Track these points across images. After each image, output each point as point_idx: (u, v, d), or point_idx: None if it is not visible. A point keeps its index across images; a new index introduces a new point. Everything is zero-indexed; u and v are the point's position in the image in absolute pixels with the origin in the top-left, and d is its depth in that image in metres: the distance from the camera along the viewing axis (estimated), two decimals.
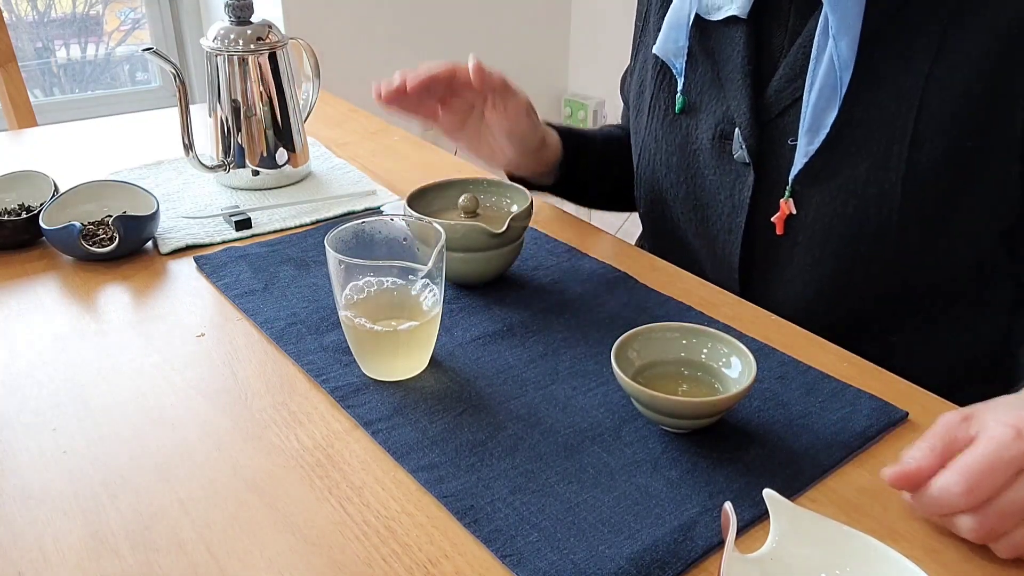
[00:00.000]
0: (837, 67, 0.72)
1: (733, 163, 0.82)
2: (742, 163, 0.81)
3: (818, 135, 0.74)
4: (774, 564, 0.49)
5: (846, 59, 0.72)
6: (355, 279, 0.66)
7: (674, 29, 0.84)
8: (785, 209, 0.78)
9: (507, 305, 0.78)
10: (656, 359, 0.65)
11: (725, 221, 0.84)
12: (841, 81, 0.72)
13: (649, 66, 0.91)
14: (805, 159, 0.75)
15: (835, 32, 0.71)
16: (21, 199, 0.94)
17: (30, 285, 0.82)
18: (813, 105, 0.74)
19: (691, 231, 0.88)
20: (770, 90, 0.79)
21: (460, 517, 0.54)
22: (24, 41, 2.32)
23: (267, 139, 1.03)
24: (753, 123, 0.79)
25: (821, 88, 0.73)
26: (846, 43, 0.71)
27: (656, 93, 0.90)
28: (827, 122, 0.74)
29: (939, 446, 0.51)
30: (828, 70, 0.72)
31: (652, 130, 0.90)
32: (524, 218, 0.79)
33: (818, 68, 0.73)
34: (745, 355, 0.62)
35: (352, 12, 2.37)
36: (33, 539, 0.53)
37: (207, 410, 0.65)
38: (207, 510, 0.55)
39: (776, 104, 0.78)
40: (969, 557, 0.52)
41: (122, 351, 0.72)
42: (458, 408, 0.64)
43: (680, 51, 0.84)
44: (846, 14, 0.71)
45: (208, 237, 0.91)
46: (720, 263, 0.86)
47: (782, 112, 0.78)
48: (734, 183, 0.82)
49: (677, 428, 0.61)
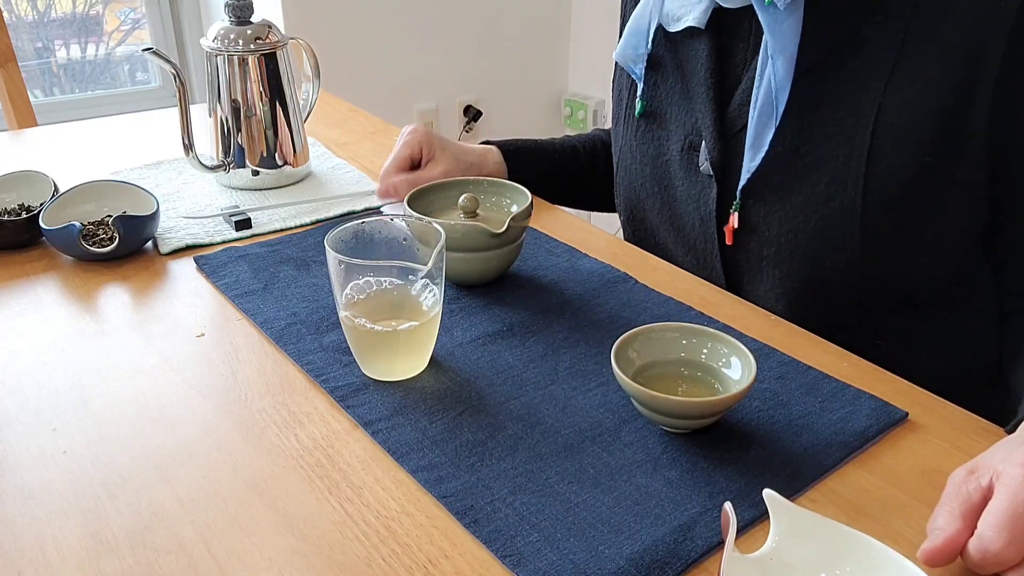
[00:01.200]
0: (773, 87, 0.73)
1: (699, 175, 0.83)
2: (707, 175, 0.82)
3: (759, 152, 0.76)
4: (774, 564, 0.49)
5: (781, 79, 0.73)
6: (355, 279, 0.66)
7: (634, 35, 0.86)
8: (732, 222, 0.80)
9: (507, 305, 0.78)
10: (656, 359, 0.65)
11: (699, 232, 0.85)
12: (778, 100, 0.73)
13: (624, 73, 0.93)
14: (747, 175, 0.77)
15: (772, 52, 0.72)
16: (21, 199, 0.94)
17: (30, 285, 0.82)
18: (755, 123, 0.75)
19: (671, 240, 0.90)
20: (733, 104, 0.80)
21: (460, 517, 0.54)
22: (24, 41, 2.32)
23: (267, 139, 1.03)
24: (717, 137, 0.81)
25: (761, 106, 0.74)
26: (782, 63, 0.72)
27: (629, 101, 0.92)
28: (765, 140, 0.75)
29: (958, 508, 0.50)
30: (767, 89, 0.74)
31: (627, 139, 0.92)
32: (524, 218, 0.79)
33: (760, 87, 0.75)
34: (745, 355, 0.62)
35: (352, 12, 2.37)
36: (33, 539, 0.53)
37: (207, 410, 0.65)
38: (207, 510, 0.55)
39: (738, 120, 0.80)
40: None
41: (122, 351, 0.72)
42: (458, 408, 0.64)
43: (640, 58, 0.86)
44: (782, 35, 0.72)
45: (208, 237, 0.91)
46: (706, 271, 0.87)
47: (741, 129, 0.79)
48: (699, 194, 0.84)
49: (676, 428, 0.61)
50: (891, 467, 0.59)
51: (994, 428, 0.63)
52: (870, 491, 0.57)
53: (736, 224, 0.80)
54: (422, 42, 2.48)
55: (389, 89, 2.51)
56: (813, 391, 0.66)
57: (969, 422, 0.64)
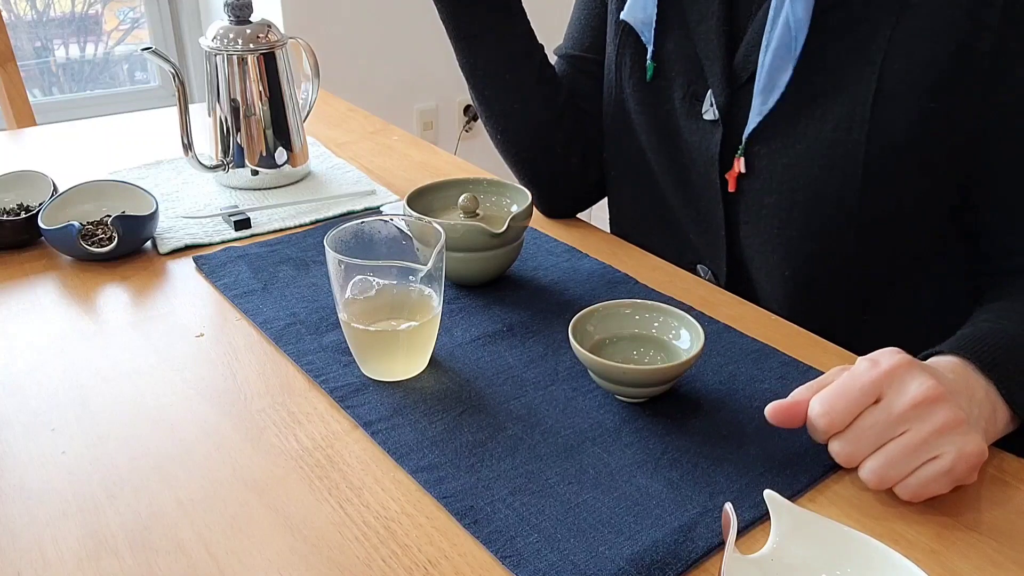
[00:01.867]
0: (792, 28, 0.73)
1: (702, 121, 0.82)
2: (711, 121, 0.82)
3: (772, 95, 0.75)
4: (774, 565, 0.49)
5: (801, 20, 0.72)
6: (355, 279, 0.66)
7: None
8: (736, 167, 0.79)
9: (507, 305, 0.78)
10: (612, 334, 0.68)
11: (702, 177, 0.84)
12: (796, 41, 0.73)
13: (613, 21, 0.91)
14: (759, 118, 0.77)
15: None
16: (20, 199, 0.94)
17: (29, 285, 0.82)
18: (768, 66, 0.75)
19: (669, 190, 0.88)
20: (738, 56, 0.80)
21: (460, 518, 0.54)
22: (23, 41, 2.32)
23: (266, 139, 1.03)
24: (725, 84, 0.80)
25: (776, 49, 0.74)
26: (802, 5, 0.72)
27: (620, 51, 0.89)
28: (781, 83, 0.75)
29: (815, 385, 0.59)
30: (783, 31, 0.73)
31: (621, 88, 0.90)
32: (524, 218, 0.79)
33: (774, 30, 0.74)
34: (693, 326, 0.66)
35: (352, 12, 2.37)
36: (32, 539, 0.53)
37: (206, 410, 0.65)
38: (207, 510, 0.55)
39: (744, 70, 0.79)
40: (969, 557, 0.52)
41: (121, 351, 0.72)
42: (458, 408, 0.64)
43: (649, 19, 0.85)
44: None
45: (207, 237, 0.91)
46: (705, 222, 0.86)
47: (750, 78, 0.79)
48: (701, 140, 0.83)
49: (630, 397, 0.63)
50: None
51: None
52: (870, 492, 0.57)
53: (742, 169, 0.79)
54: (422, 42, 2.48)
55: (389, 89, 2.51)
56: None
57: None
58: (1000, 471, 0.59)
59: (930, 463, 0.53)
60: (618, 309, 0.69)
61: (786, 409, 0.58)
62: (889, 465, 0.54)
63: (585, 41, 0.96)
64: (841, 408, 0.55)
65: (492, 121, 0.94)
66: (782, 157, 0.77)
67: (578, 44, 0.97)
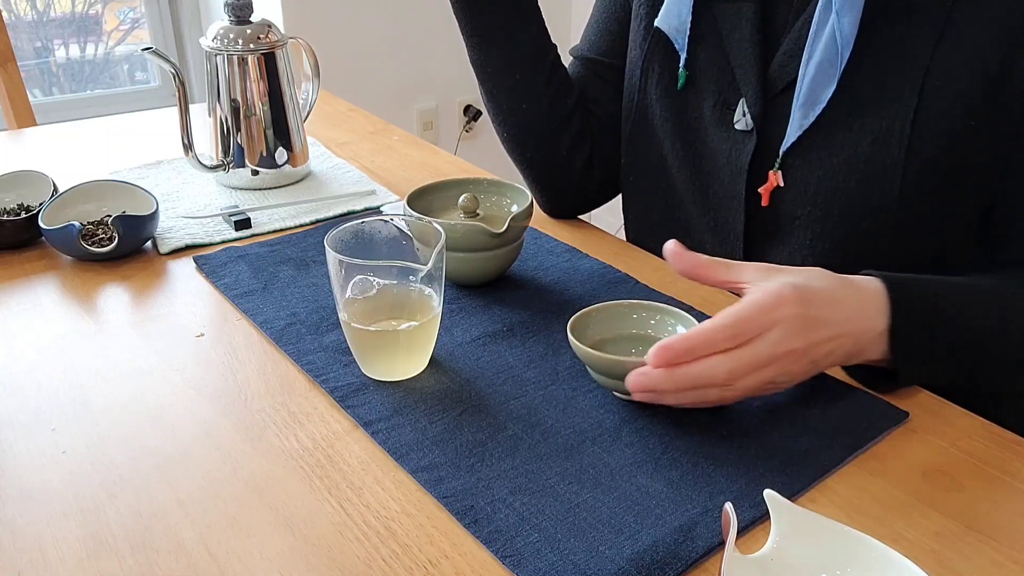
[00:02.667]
0: (839, 42, 0.72)
1: (733, 131, 0.82)
2: (743, 131, 0.81)
3: (813, 109, 0.75)
4: (775, 564, 0.49)
5: (847, 35, 0.72)
6: (355, 279, 0.66)
7: (676, 3, 0.84)
8: (773, 180, 0.79)
9: (507, 305, 0.78)
10: (610, 335, 0.69)
11: (726, 187, 0.84)
12: (841, 57, 0.72)
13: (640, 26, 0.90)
14: (799, 132, 0.76)
15: (838, 7, 0.71)
16: (20, 199, 0.94)
17: (29, 285, 0.82)
18: (811, 80, 0.74)
19: (689, 198, 0.88)
20: (774, 66, 0.79)
21: (460, 518, 0.54)
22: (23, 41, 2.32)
23: (267, 139, 1.03)
24: (759, 94, 0.79)
25: (820, 63, 0.73)
26: (849, 20, 0.71)
27: (648, 58, 0.89)
28: (824, 97, 0.74)
29: (724, 322, 0.60)
30: (828, 45, 0.73)
31: (646, 94, 0.89)
32: (524, 218, 0.79)
33: (817, 43, 0.73)
34: (689, 321, 0.66)
35: (352, 12, 2.37)
36: (33, 539, 0.53)
37: (207, 410, 0.65)
38: (207, 510, 0.55)
39: (779, 80, 0.79)
40: (969, 557, 0.52)
41: (121, 351, 0.72)
42: (458, 408, 0.64)
43: (683, 26, 0.84)
44: None
45: (207, 237, 0.91)
46: (724, 232, 0.85)
47: (785, 88, 0.78)
48: (731, 150, 0.82)
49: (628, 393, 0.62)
50: (891, 467, 0.59)
51: (996, 428, 0.63)
52: (870, 491, 0.57)
53: (780, 182, 0.78)
54: (422, 42, 2.48)
55: (389, 89, 2.51)
56: (813, 391, 0.66)
57: (969, 422, 0.64)
58: (1000, 471, 0.59)
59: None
60: (616, 309, 0.69)
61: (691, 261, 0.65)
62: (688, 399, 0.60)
63: (603, 45, 0.96)
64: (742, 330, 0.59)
65: (499, 119, 0.94)
66: (817, 170, 0.77)
67: (595, 47, 0.97)
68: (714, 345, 0.58)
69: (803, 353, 0.60)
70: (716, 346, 0.58)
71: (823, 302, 0.61)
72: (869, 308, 0.63)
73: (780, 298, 0.59)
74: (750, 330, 0.58)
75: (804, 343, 0.59)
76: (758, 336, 0.58)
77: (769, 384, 0.60)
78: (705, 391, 0.59)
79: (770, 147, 0.80)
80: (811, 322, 0.60)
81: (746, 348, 0.58)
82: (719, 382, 0.58)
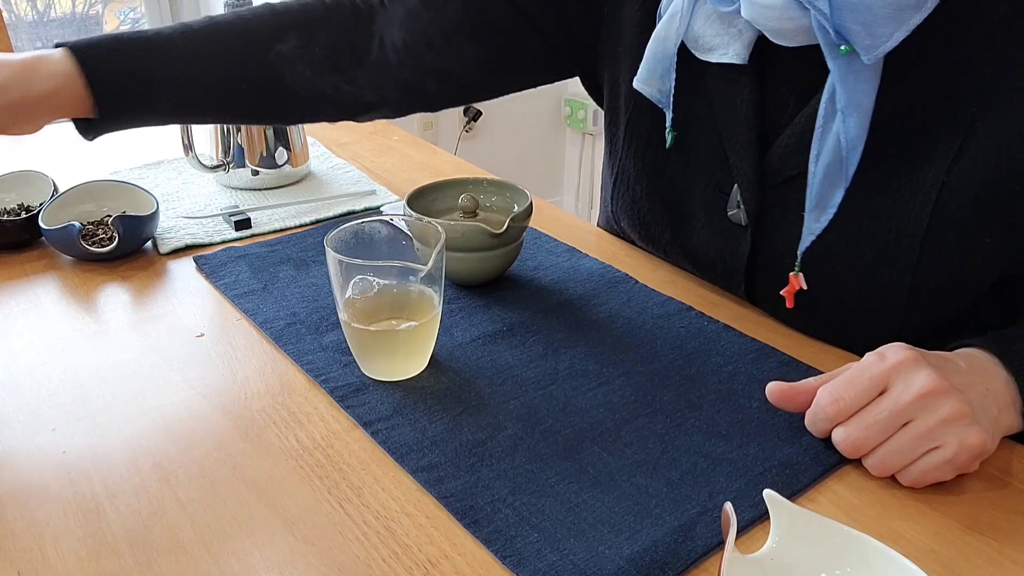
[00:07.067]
0: (844, 146, 0.64)
1: (726, 221, 0.76)
2: (738, 225, 0.75)
3: (825, 213, 0.68)
4: (774, 564, 0.49)
5: (854, 139, 0.64)
6: (355, 279, 0.66)
7: (658, 62, 0.74)
8: (795, 284, 0.72)
9: (507, 305, 0.78)
10: None
11: (721, 279, 0.80)
12: (848, 162, 0.64)
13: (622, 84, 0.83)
14: (812, 237, 0.69)
15: (843, 107, 0.63)
16: (21, 199, 0.94)
17: (30, 285, 0.82)
18: (819, 183, 0.66)
19: (681, 263, 0.84)
20: (774, 155, 0.72)
21: (460, 517, 0.54)
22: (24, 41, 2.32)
23: (267, 139, 1.03)
24: (755, 185, 0.73)
25: (828, 165, 0.65)
26: (855, 121, 0.63)
27: (632, 120, 0.82)
28: (834, 201, 0.67)
29: (824, 378, 0.61)
30: (835, 147, 0.65)
31: (630, 156, 0.83)
32: (524, 218, 0.79)
33: (824, 141, 0.65)
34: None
35: None
36: (33, 539, 0.53)
37: (207, 410, 0.65)
38: (207, 510, 0.55)
39: (778, 174, 0.72)
40: (969, 557, 0.52)
41: (122, 351, 0.72)
42: (458, 408, 0.64)
43: (665, 85, 0.75)
44: (858, 90, 0.63)
45: (208, 237, 0.91)
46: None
47: (786, 181, 0.72)
48: (725, 243, 0.77)
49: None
50: None
51: None
52: (870, 491, 0.57)
53: (803, 285, 0.71)
54: None
55: None
56: None
57: None
58: (1000, 471, 0.59)
59: (933, 452, 0.55)
60: None
61: (788, 389, 0.61)
62: (893, 453, 0.56)
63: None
64: (850, 397, 0.57)
65: None
66: (822, 275, 0.71)
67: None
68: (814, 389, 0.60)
69: (945, 391, 0.55)
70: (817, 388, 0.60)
71: (935, 358, 0.59)
72: (979, 362, 0.60)
73: (882, 350, 0.59)
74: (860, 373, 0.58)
75: (939, 376, 0.56)
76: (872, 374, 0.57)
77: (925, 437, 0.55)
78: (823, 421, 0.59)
79: (767, 242, 0.74)
80: (930, 358, 0.58)
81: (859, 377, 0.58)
82: (824, 403, 0.58)
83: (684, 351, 0.71)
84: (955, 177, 0.65)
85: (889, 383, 0.56)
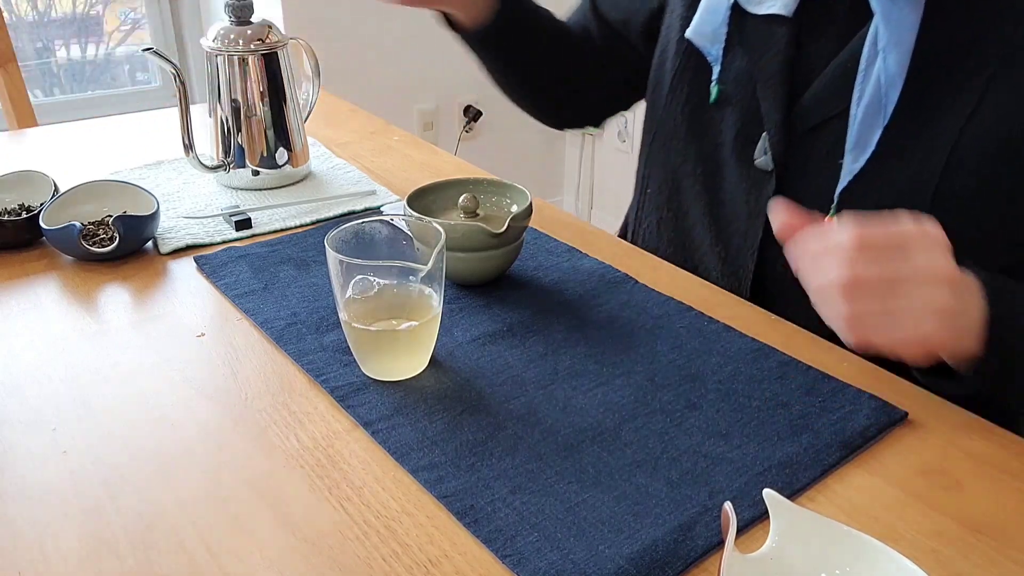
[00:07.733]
0: (883, 83, 0.67)
1: (753, 168, 0.78)
2: (763, 170, 0.77)
3: (864, 152, 0.70)
4: (774, 564, 0.49)
5: (893, 75, 0.67)
6: (355, 279, 0.66)
7: (710, 13, 0.79)
8: None
9: (507, 305, 0.78)
10: None
11: (742, 225, 0.81)
12: (888, 98, 0.68)
13: (672, 39, 0.87)
14: (850, 177, 0.71)
15: (883, 46, 0.66)
16: (21, 199, 0.94)
17: (30, 285, 0.82)
18: (860, 122, 0.69)
19: (702, 225, 0.86)
20: (807, 99, 0.75)
21: (460, 517, 0.54)
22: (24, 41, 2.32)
23: (267, 139, 1.03)
24: (783, 132, 0.75)
25: (868, 105, 0.68)
26: (895, 58, 0.66)
27: (679, 74, 0.85)
28: (873, 139, 0.69)
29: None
30: (875, 87, 0.68)
31: (671, 111, 0.86)
32: (524, 218, 0.79)
33: (867, 82, 0.68)
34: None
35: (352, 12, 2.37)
36: (33, 539, 0.53)
37: (207, 410, 0.65)
38: (207, 510, 0.55)
39: (812, 116, 0.74)
40: (969, 557, 0.52)
41: (122, 351, 0.72)
42: (458, 408, 0.64)
43: (717, 37, 0.79)
44: (899, 27, 0.66)
45: (208, 237, 0.91)
46: (733, 266, 0.83)
47: (817, 126, 0.74)
48: (750, 189, 0.78)
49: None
50: (891, 467, 0.59)
51: (995, 428, 0.63)
52: (870, 491, 0.57)
53: None
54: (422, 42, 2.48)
55: (389, 89, 2.51)
56: (813, 391, 0.66)
57: (969, 422, 0.64)
58: (1000, 471, 0.59)
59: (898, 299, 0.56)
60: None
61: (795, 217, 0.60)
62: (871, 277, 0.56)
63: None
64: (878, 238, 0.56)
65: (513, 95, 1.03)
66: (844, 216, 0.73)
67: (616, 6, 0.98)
68: None
69: (939, 275, 0.56)
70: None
71: None
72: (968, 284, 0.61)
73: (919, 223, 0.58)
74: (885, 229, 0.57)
75: (942, 257, 0.57)
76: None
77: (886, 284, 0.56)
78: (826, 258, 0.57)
79: (791, 187, 0.75)
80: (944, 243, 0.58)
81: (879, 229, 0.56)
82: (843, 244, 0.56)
83: (684, 351, 0.71)
84: (971, 130, 0.67)
85: (911, 247, 0.56)
